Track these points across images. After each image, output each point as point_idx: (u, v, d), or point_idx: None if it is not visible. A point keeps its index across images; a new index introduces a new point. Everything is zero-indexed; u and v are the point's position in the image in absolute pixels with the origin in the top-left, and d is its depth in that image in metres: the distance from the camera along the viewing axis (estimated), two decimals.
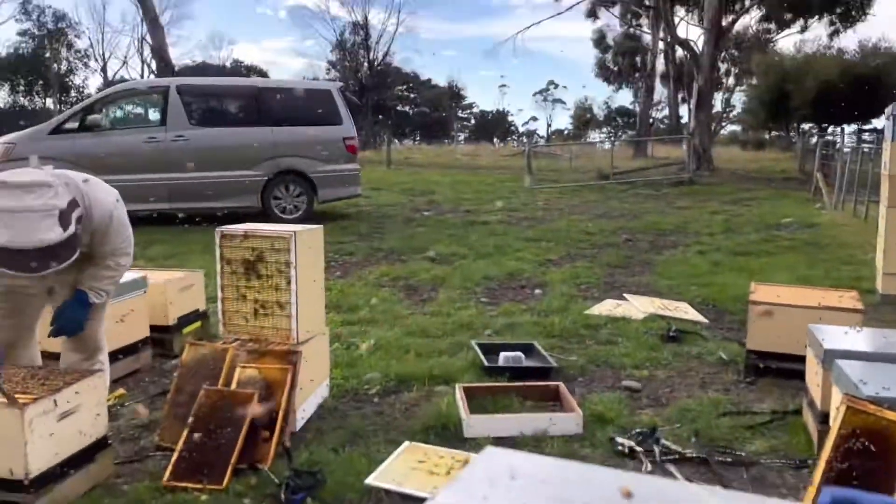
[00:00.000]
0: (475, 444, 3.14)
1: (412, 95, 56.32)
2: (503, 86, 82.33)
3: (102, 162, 9.19)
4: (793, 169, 21.77)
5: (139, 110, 10.43)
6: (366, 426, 3.31)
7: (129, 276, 4.09)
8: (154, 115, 9.92)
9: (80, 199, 2.67)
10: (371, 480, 2.74)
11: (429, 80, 56.01)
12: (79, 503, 2.54)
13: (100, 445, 2.72)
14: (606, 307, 5.57)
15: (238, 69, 55.52)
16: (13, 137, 9.43)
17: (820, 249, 8.36)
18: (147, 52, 44.68)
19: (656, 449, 3.07)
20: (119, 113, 9.95)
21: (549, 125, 62.96)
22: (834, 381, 2.86)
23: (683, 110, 38.33)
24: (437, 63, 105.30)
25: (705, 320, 5.31)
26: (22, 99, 52.42)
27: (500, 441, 3.19)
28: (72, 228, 2.53)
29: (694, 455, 3.03)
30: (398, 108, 53.95)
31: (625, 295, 5.95)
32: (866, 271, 6.74)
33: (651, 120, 39.84)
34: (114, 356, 3.86)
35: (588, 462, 2.98)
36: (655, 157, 26.47)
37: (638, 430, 3.24)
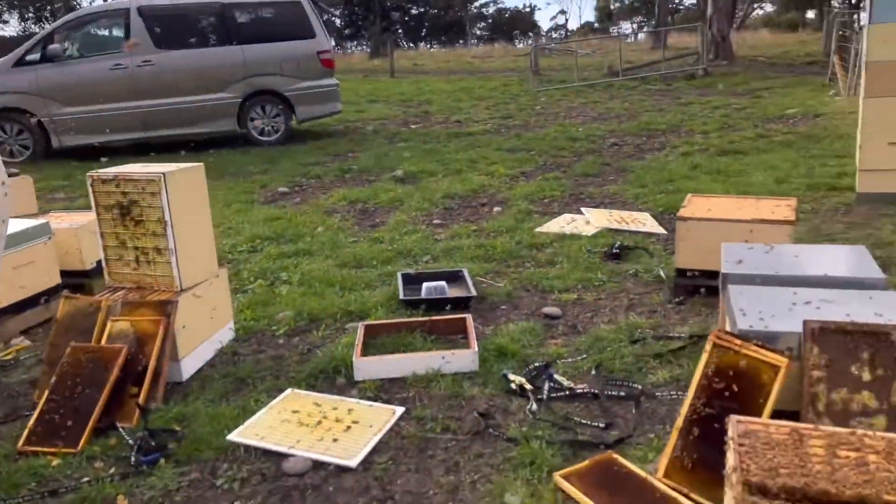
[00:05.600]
0: (364, 388, 3.03)
1: None
2: None
3: (69, 93, 9.02)
4: (818, 52, 20.50)
5: (101, 37, 10.08)
6: (255, 373, 3.20)
7: (27, 223, 3.98)
8: (117, 41, 9.57)
9: None
10: (233, 436, 2.65)
11: None
12: None
13: None
14: (559, 224, 5.32)
15: None
16: None
17: (815, 143, 7.88)
18: None
19: (546, 385, 2.91)
20: (80, 41, 9.62)
21: (576, 18, 59.98)
22: (726, 311, 2.63)
23: None
24: None
25: (663, 231, 5.04)
26: (34, 27, 51.83)
27: (391, 382, 3.07)
28: None
29: (584, 391, 2.87)
30: (413, 10, 51.99)
31: (582, 209, 5.67)
32: (853, 167, 6.31)
33: (677, 5, 37.57)
34: (18, 308, 3.81)
35: (474, 401, 2.85)
36: (676, 48, 25.09)
37: (533, 366, 3.08)
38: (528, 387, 2.91)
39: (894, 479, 1.49)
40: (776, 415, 2.13)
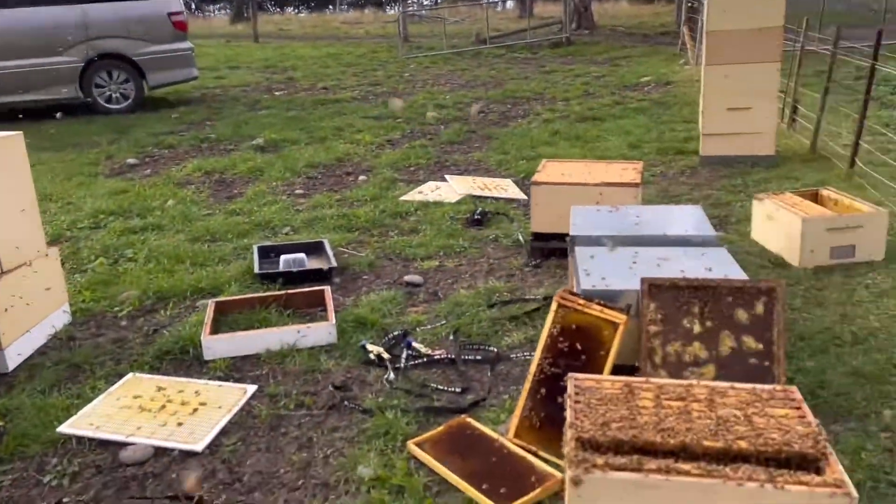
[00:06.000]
0: (214, 368, 2.88)
1: None
2: None
3: None
4: (671, 23, 21.58)
5: None
6: (93, 358, 2.97)
7: None
8: None
9: None
10: (63, 428, 2.44)
11: None
12: None
13: None
14: (423, 192, 5.29)
15: None
16: None
17: (666, 109, 8.28)
18: None
19: (404, 354, 2.89)
20: None
21: None
22: (573, 272, 2.70)
23: None
24: None
25: (524, 197, 5.13)
26: None
27: (244, 360, 2.94)
28: None
29: (442, 357, 2.87)
30: None
31: (446, 176, 5.68)
32: (698, 131, 6.68)
33: None
34: None
35: (330, 375, 2.78)
36: (541, 17, 25.63)
37: (392, 335, 3.05)
38: (387, 356, 2.87)
39: (714, 425, 1.57)
40: (620, 370, 2.21)
